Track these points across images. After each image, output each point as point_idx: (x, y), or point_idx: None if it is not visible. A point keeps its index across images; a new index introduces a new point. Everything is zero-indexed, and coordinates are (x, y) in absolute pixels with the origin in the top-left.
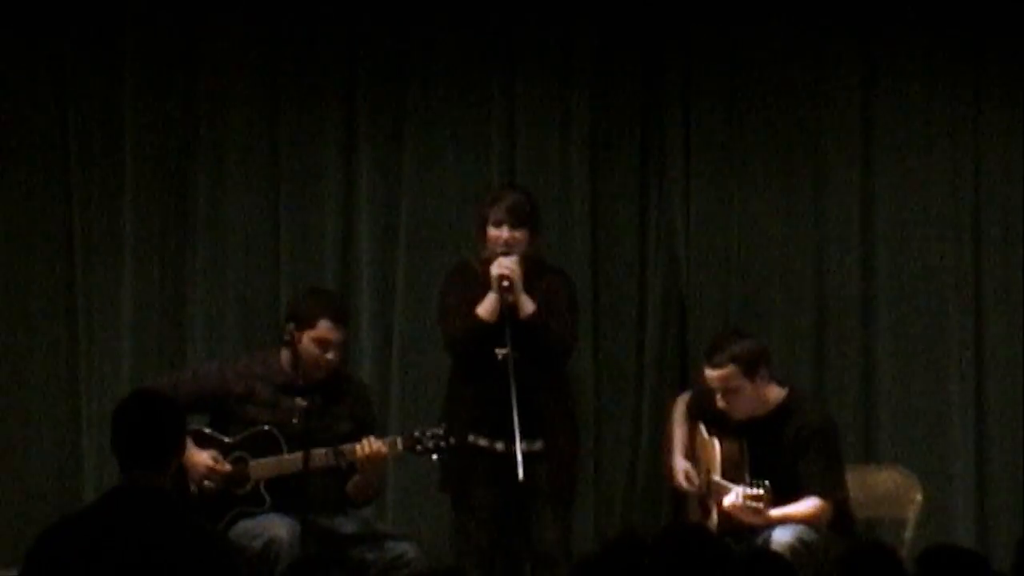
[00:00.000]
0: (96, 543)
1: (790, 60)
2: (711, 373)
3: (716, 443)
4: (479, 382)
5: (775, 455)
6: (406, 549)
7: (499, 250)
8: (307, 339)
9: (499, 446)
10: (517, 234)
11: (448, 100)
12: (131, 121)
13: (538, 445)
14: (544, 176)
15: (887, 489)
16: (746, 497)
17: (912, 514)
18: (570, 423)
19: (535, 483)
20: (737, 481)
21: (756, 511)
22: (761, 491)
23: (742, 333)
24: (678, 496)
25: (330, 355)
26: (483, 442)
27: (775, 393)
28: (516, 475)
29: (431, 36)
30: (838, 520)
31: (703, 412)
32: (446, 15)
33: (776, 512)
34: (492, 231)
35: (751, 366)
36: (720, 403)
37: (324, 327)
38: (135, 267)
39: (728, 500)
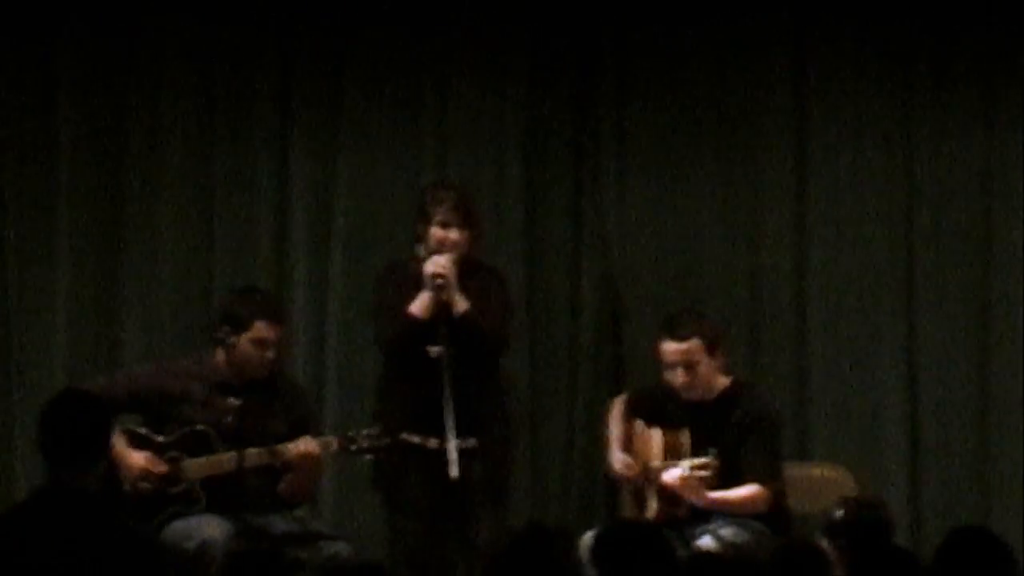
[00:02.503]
0: (20, 544)
1: (723, 57)
2: (674, 346)
3: (658, 433)
4: (412, 380)
5: (718, 441)
6: (340, 548)
7: (443, 250)
8: (245, 341)
9: (432, 443)
10: (465, 234)
11: (381, 99)
12: (64, 123)
13: (472, 442)
14: (478, 175)
15: (821, 486)
16: (693, 467)
17: None
18: (503, 420)
19: (470, 480)
20: None
21: (702, 481)
22: (709, 458)
23: (701, 313)
24: (613, 492)
25: (269, 354)
26: (416, 439)
27: (720, 380)
28: (450, 472)
29: (364, 36)
30: (774, 516)
31: (641, 411)
32: (379, 14)
33: (716, 495)
34: (437, 232)
35: (713, 343)
36: (679, 378)
37: (260, 327)
38: (69, 268)
39: (671, 475)
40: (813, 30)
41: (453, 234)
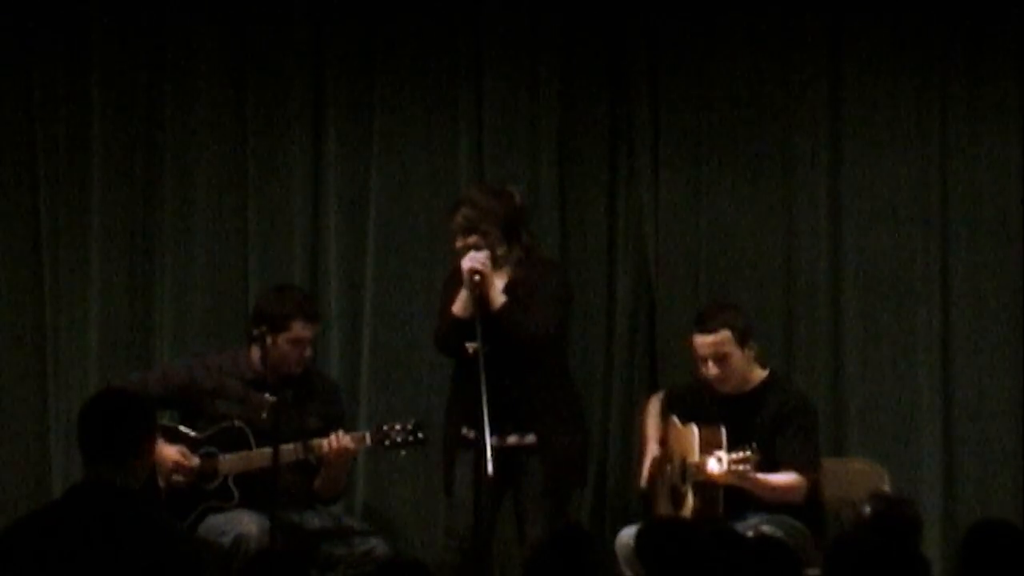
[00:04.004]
0: (58, 541)
1: (758, 52)
2: (704, 339)
3: (694, 428)
4: (467, 376)
5: (754, 434)
6: (374, 545)
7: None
8: (282, 341)
9: (470, 433)
10: (470, 240)
11: (415, 96)
12: (98, 117)
13: (530, 439)
14: (512, 171)
15: (856, 481)
16: (732, 461)
17: None
18: (569, 416)
19: (527, 477)
20: None
21: (742, 475)
22: (748, 452)
23: (733, 305)
24: (648, 490)
25: (307, 352)
26: (474, 434)
27: (757, 372)
28: (498, 468)
29: (398, 33)
30: (809, 511)
31: (677, 407)
32: (413, 11)
33: (760, 476)
34: (458, 240)
35: (743, 334)
36: (711, 371)
37: (298, 327)
38: (102, 264)
39: (712, 467)
40: (848, 23)
41: (471, 239)
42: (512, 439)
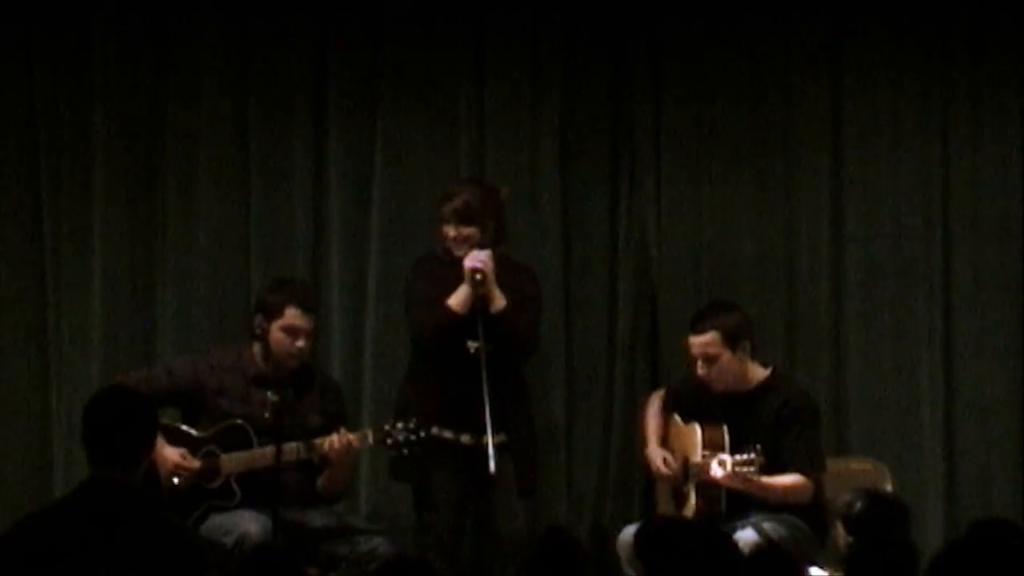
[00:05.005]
0: (64, 539)
1: (760, 55)
2: (693, 340)
3: (696, 427)
4: (445, 374)
5: (756, 433)
6: (378, 543)
7: (456, 247)
8: (276, 329)
9: (464, 438)
10: (465, 231)
11: (418, 95)
12: (100, 116)
13: (501, 437)
14: (514, 171)
15: (858, 480)
16: (736, 464)
17: None
18: (528, 416)
19: (500, 475)
20: None
21: (746, 478)
22: (752, 455)
23: (728, 305)
24: (650, 488)
25: (300, 343)
26: (448, 434)
27: (758, 372)
28: (484, 467)
29: (401, 32)
30: (811, 511)
31: (678, 405)
32: (415, 11)
33: (763, 480)
34: (449, 230)
35: (733, 336)
36: (700, 372)
37: (292, 315)
38: (105, 262)
39: (715, 471)
40: (849, 24)
41: (451, 231)
42: (485, 438)
